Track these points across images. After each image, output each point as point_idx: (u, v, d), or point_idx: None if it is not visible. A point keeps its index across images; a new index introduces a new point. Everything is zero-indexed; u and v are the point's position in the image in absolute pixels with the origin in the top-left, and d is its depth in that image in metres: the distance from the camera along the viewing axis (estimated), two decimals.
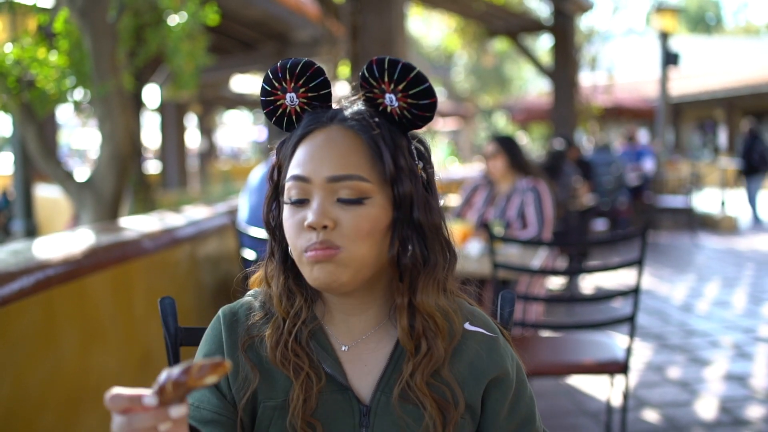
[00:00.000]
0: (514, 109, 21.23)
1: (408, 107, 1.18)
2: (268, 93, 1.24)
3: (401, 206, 1.17)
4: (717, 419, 3.96)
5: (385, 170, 1.16)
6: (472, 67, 26.29)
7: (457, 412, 1.17)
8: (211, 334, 1.25)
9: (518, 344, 3.34)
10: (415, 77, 1.16)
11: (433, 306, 1.19)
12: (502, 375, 1.22)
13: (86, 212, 4.98)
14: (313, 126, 1.19)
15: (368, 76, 1.18)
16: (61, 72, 5.03)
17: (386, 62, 1.16)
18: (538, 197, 4.65)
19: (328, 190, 1.14)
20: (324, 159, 1.15)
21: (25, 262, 2.50)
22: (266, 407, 1.18)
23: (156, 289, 3.43)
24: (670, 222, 12.04)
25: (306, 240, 1.13)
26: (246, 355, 1.20)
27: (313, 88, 1.21)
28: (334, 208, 1.13)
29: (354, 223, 1.13)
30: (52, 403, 2.54)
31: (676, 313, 6.35)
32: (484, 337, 1.25)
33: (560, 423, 3.97)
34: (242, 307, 1.27)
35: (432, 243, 1.20)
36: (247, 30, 12.26)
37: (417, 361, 1.17)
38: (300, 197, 1.15)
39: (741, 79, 20.74)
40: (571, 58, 11.79)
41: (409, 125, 1.21)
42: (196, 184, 17.72)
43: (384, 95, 1.19)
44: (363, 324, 1.23)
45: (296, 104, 1.23)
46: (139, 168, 9.25)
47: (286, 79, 1.21)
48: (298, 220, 1.15)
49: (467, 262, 3.98)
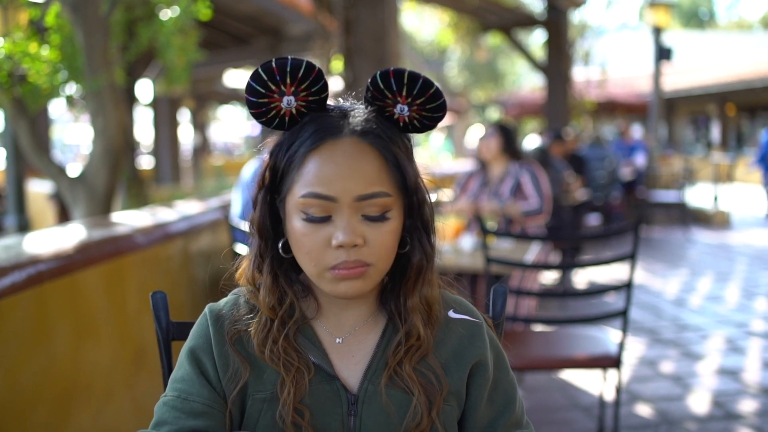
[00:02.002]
0: (507, 103, 21.22)
1: (420, 118, 1.21)
2: (260, 94, 1.18)
3: (415, 213, 1.21)
4: (710, 413, 3.97)
5: (406, 183, 1.18)
6: (466, 62, 26.27)
7: (441, 396, 1.19)
8: (198, 329, 1.25)
9: (511, 339, 3.35)
10: (422, 84, 1.18)
11: (435, 297, 1.24)
12: (484, 360, 1.25)
13: (78, 208, 4.96)
14: (325, 137, 1.16)
15: (383, 88, 1.18)
16: (53, 66, 5.00)
17: (406, 76, 1.17)
18: (534, 174, 4.77)
19: (354, 208, 1.14)
20: (351, 178, 1.14)
21: (17, 257, 2.49)
22: (255, 400, 1.18)
23: (149, 284, 3.42)
24: (662, 217, 12.06)
25: (333, 258, 1.14)
26: (234, 348, 1.20)
27: (315, 92, 1.19)
28: (360, 225, 1.14)
29: (382, 240, 1.15)
30: (44, 398, 2.53)
31: (668, 308, 6.36)
32: (468, 323, 1.28)
33: (553, 417, 3.97)
34: (227, 304, 1.27)
35: (432, 238, 1.24)
36: (240, 25, 12.23)
37: (407, 348, 1.20)
38: (322, 215, 1.14)
39: (734, 74, 20.78)
40: (565, 52, 11.79)
41: (413, 130, 1.23)
42: (189, 179, 17.68)
43: (396, 106, 1.20)
44: (354, 318, 1.25)
45: (293, 107, 1.19)
46: (131, 163, 9.22)
47: (285, 82, 1.17)
48: (322, 237, 1.14)
49: (460, 257, 3.99)
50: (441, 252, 1.29)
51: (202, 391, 1.18)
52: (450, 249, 4.12)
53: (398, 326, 1.22)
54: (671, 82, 19.49)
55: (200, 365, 1.20)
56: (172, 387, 1.19)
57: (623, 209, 10.28)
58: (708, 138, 25.14)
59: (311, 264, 1.16)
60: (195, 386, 1.18)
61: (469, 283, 4.14)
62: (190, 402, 1.16)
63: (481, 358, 1.25)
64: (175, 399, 1.17)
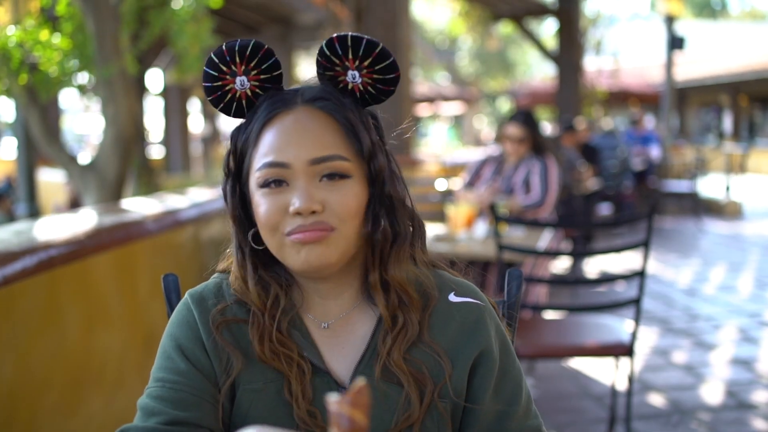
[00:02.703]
0: (518, 93, 21.15)
1: (373, 83, 1.19)
2: (214, 78, 1.18)
3: (376, 182, 1.18)
4: (722, 403, 3.95)
5: (362, 148, 1.15)
6: (477, 51, 26.23)
7: (437, 387, 1.16)
8: (180, 318, 1.20)
9: (522, 326, 3.33)
10: (380, 52, 1.16)
11: (404, 278, 1.19)
12: (489, 348, 1.21)
13: (89, 195, 4.97)
14: (277, 109, 1.16)
15: (329, 54, 1.17)
16: (64, 54, 5.01)
17: (349, 39, 1.15)
18: (545, 167, 4.69)
19: (310, 173, 1.12)
20: (302, 142, 1.13)
21: (28, 242, 2.49)
22: (245, 390, 1.15)
23: (159, 271, 3.39)
24: (674, 207, 12.01)
25: (290, 224, 1.11)
26: (223, 338, 1.16)
27: (265, 69, 1.18)
28: (318, 190, 1.12)
29: (343, 201, 1.12)
30: (55, 383, 2.53)
31: (681, 298, 6.33)
32: (470, 307, 1.23)
33: (564, 406, 3.96)
34: (210, 291, 1.23)
35: (401, 215, 1.20)
36: (251, 13, 12.20)
37: (393, 336, 1.17)
38: (278, 180, 1.12)
39: (746, 64, 20.63)
40: (576, 42, 11.74)
41: (372, 100, 1.22)
42: (199, 168, 17.69)
43: (347, 72, 1.18)
44: (339, 307, 1.22)
45: (247, 88, 1.19)
46: (142, 152, 9.25)
47: (235, 62, 1.17)
48: (278, 205, 1.12)
49: (473, 244, 3.98)
50: (420, 231, 1.25)
51: (192, 382, 1.13)
52: (464, 237, 4.11)
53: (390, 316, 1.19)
54: (683, 71, 19.37)
55: (188, 355, 1.15)
56: (157, 378, 1.15)
57: (635, 199, 10.24)
58: (720, 128, 25.00)
59: (270, 235, 1.13)
60: (183, 376, 1.14)
61: (482, 271, 4.13)
62: (179, 392, 1.12)
63: (486, 347, 1.20)
64: (162, 389, 1.12)
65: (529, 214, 4.66)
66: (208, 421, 1.12)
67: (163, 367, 1.16)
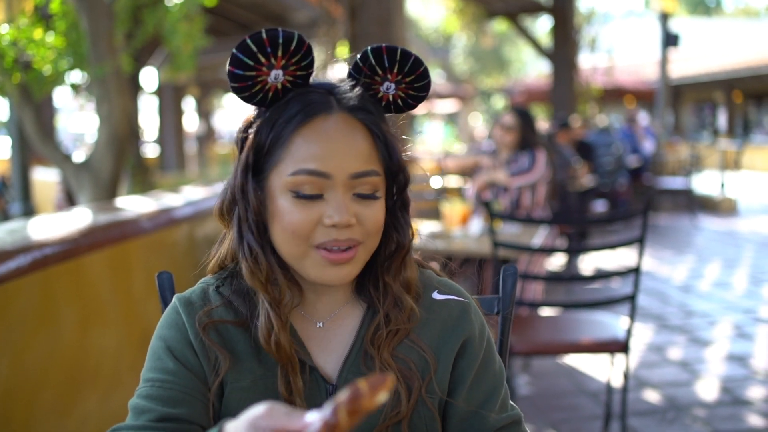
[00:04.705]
0: (513, 90, 21.16)
1: (405, 97, 1.20)
2: (248, 67, 1.10)
3: (398, 195, 1.19)
4: (717, 399, 3.96)
5: (393, 163, 1.16)
6: (471, 49, 26.22)
7: (424, 382, 1.17)
8: (169, 320, 1.19)
9: (518, 323, 3.34)
10: (413, 62, 1.17)
11: (415, 279, 1.22)
12: (471, 337, 1.22)
13: (84, 194, 4.96)
14: (314, 112, 1.12)
15: (375, 64, 1.17)
16: (58, 53, 4.99)
17: (399, 53, 1.16)
18: (533, 153, 4.80)
19: (348, 186, 1.10)
20: (346, 155, 1.10)
21: (22, 241, 2.48)
22: (234, 389, 1.15)
23: (154, 269, 3.38)
24: (669, 204, 12.03)
25: (323, 235, 1.10)
26: (209, 338, 1.15)
27: (303, 66, 1.13)
28: (352, 204, 1.11)
29: (374, 219, 1.13)
30: (51, 382, 2.52)
31: (676, 294, 6.34)
32: (453, 303, 1.25)
33: (560, 403, 3.97)
34: (197, 295, 1.22)
35: (408, 223, 1.22)
36: (245, 12, 12.18)
37: (383, 335, 1.17)
38: (314, 192, 1.10)
39: (740, 61, 20.68)
40: (571, 39, 11.75)
41: (398, 109, 1.22)
42: (194, 167, 17.68)
43: (383, 83, 1.18)
44: (331, 304, 1.22)
45: (279, 81, 1.13)
46: (136, 151, 9.22)
47: (276, 55, 1.10)
48: (312, 216, 1.10)
49: (468, 242, 3.98)
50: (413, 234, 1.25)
51: (181, 380, 1.13)
52: (459, 234, 4.11)
53: (378, 312, 1.20)
54: (678, 68, 19.39)
55: (178, 355, 1.15)
56: (147, 378, 1.14)
57: (630, 196, 10.25)
58: (715, 125, 25.03)
59: (295, 243, 1.11)
60: (173, 375, 1.13)
61: (477, 268, 4.13)
62: (169, 390, 1.11)
63: (469, 336, 1.22)
64: (151, 388, 1.12)
65: (516, 179, 4.74)
66: (198, 417, 1.12)
67: (152, 367, 1.15)
